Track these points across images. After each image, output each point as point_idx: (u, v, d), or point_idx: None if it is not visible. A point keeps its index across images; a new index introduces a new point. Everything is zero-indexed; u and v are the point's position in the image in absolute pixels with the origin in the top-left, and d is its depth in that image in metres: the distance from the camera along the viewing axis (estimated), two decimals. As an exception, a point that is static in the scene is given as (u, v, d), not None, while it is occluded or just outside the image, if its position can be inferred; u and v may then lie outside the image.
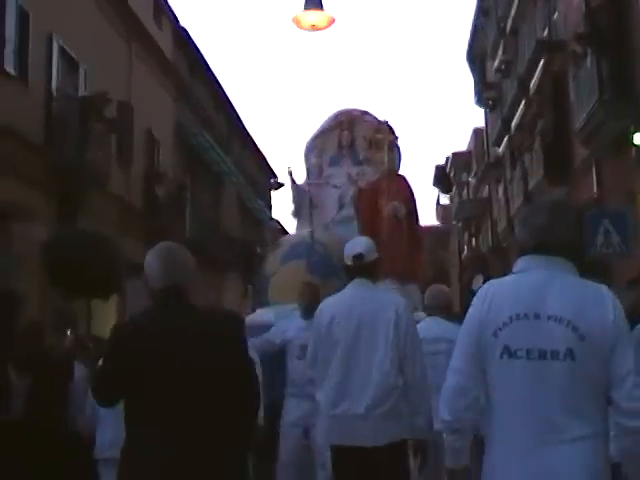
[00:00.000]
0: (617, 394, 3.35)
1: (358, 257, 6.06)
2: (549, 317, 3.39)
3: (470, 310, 3.64)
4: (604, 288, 3.50)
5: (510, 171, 30.66)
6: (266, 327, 8.64)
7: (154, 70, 27.05)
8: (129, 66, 24.69)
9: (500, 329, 3.46)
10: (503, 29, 31.38)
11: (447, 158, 52.23)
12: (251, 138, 42.34)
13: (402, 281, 10.19)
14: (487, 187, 39.26)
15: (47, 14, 18.41)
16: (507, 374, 3.45)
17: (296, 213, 12.14)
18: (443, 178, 53.39)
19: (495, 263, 34.40)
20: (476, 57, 40.07)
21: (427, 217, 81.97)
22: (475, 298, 3.64)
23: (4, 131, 16.04)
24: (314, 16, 13.87)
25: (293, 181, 12.14)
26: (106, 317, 17.36)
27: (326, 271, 9.81)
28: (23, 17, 17.53)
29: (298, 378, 7.73)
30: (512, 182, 29.65)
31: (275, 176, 45.02)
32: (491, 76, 35.74)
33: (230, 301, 30.66)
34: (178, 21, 29.98)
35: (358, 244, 6.25)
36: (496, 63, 32.85)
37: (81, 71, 20.76)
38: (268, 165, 46.50)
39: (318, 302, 7.68)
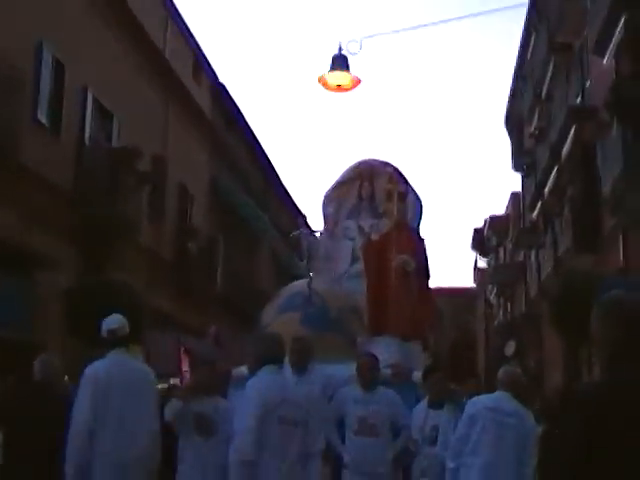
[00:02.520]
0: None
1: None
2: None
3: None
4: None
5: (543, 236, 30.57)
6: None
7: (190, 125, 27.43)
8: (165, 120, 25.08)
9: None
10: (539, 94, 31.48)
11: (485, 221, 52.10)
12: (287, 193, 42.50)
13: (405, 337, 9.91)
14: (522, 252, 39.11)
15: (83, 66, 18.82)
16: None
17: (309, 266, 11.60)
18: (481, 241, 53.22)
19: (528, 329, 34.13)
20: (513, 122, 40.17)
21: (464, 280, 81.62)
22: None
23: (35, 180, 16.34)
24: (340, 77, 14.07)
25: (302, 237, 11.95)
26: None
27: (321, 325, 9.57)
28: (58, 69, 17.94)
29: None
30: (544, 248, 29.53)
31: (312, 231, 44.99)
32: (527, 141, 35.78)
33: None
34: (217, 77, 30.41)
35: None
36: (531, 129, 32.92)
37: (115, 123, 21.12)
38: (305, 219, 46.60)
39: (309, 357, 7.84)
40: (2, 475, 7.27)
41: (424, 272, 10.58)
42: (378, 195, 12.17)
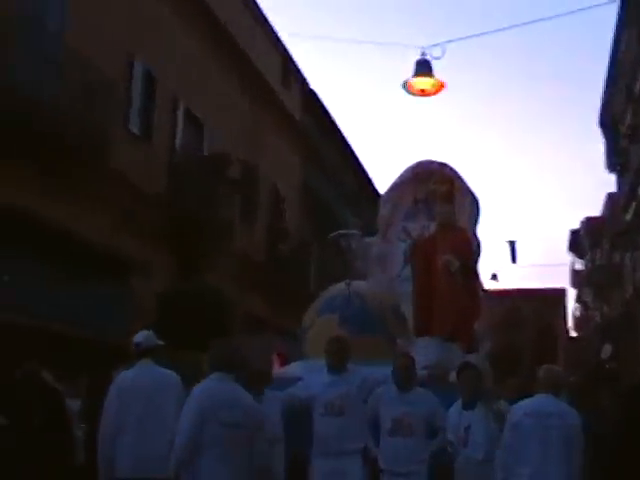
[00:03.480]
0: None
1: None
2: None
3: None
4: None
5: (638, 238, 29.96)
6: (293, 381, 8.61)
7: (281, 129, 27.78)
8: (255, 125, 25.45)
9: None
10: (632, 93, 30.89)
11: (581, 222, 51.36)
12: (379, 195, 42.40)
13: (448, 338, 9.76)
14: (619, 253, 38.44)
15: (173, 77, 19.37)
16: None
17: (363, 268, 11.77)
18: (577, 243, 52.51)
19: (624, 331, 33.48)
20: (607, 121, 39.45)
21: (562, 282, 79.99)
22: None
23: (128, 187, 16.89)
24: (423, 82, 14.19)
25: (354, 235, 12.09)
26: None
27: (361, 326, 9.57)
28: (149, 80, 18.49)
29: (323, 436, 7.74)
30: (639, 249, 28.97)
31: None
32: (621, 141, 35.14)
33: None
34: (306, 82, 30.71)
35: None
36: (624, 128, 32.30)
37: (206, 131, 21.60)
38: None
39: (347, 357, 7.95)
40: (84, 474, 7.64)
41: (471, 272, 10.39)
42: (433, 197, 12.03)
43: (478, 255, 11.08)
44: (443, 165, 12.00)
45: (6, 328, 12.38)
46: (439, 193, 11.28)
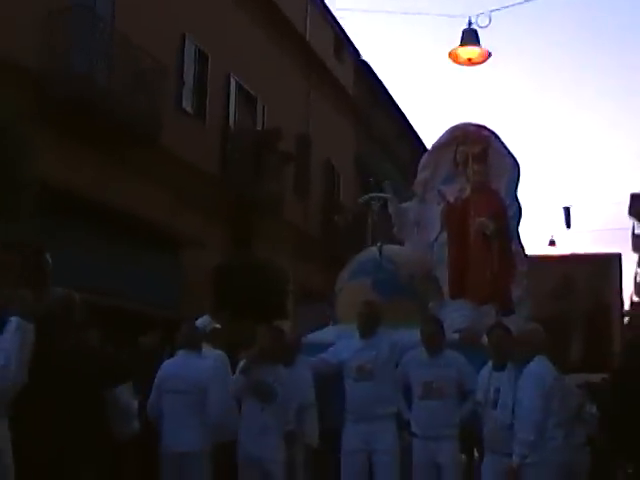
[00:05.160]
0: None
1: None
2: None
3: None
4: None
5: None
6: (325, 346, 8.53)
7: (334, 102, 28.00)
8: (308, 99, 25.75)
9: None
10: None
11: (643, 187, 50.58)
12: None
13: (482, 301, 9.56)
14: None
15: (225, 55, 19.74)
16: None
17: (400, 233, 11.29)
18: (639, 207, 51.73)
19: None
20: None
21: (622, 248, 78.80)
22: None
23: (181, 164, 17.37)
24: (470, 51, 14.32)
25: (389, 199, 11.29)
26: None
27: (392, 290, 9.33)
28: (202, 59, 18.91)
29: (355, 401, 7.76)
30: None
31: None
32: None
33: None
34: (359, 55, 30.85)
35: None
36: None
37: (259, 107, 21.98)
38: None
39: (377, 322, 7.97)
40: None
41: (506, 235, 10.08)
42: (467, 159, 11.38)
43: (519, 219, 10.76)
44: (479, 127, 11.49)
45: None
46: (472, 154, 10.80)
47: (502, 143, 11.36)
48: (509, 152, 11.30)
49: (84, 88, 14.03)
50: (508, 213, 10.50)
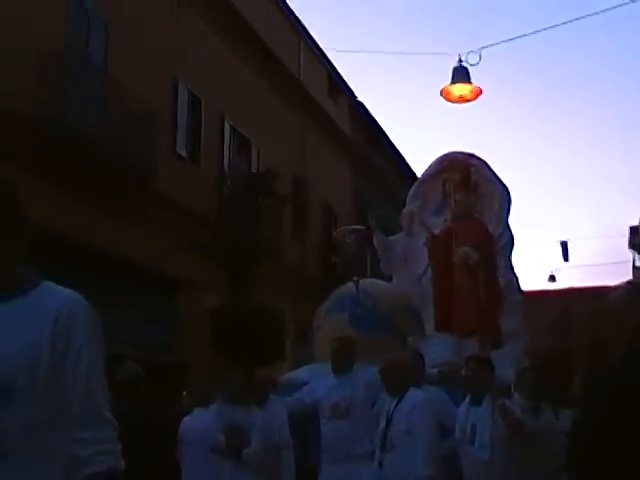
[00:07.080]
0: None
1: None
2: None
3: None
4: None
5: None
6: (300, 385, 8.31)
7: (330, 143, 27.95)
8: (304, 141, 25.71)
9: None
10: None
11: (640, 219, 50.51)
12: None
13: (466, 335, 9.39)
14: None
15: (218, 98, 19.72)
16: None
17: (387, 267, 11.17)
18: (638, 240, 51.64)
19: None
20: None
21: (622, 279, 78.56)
22: None
23: (176, 208, 17.32)
24: (461, 88, 14.31)
25: (374, 232, 11.23)
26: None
27: (369, 325, 9.13)
28: (195, 102, 18.90)
29: (330, 440, 7.40)
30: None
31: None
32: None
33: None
34: (354, 95, 30.87)
35: None
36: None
37: (253, 149, 21.94)
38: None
39: (352, 358, 7.60)
40: None
41: (492, 265, 9.87)
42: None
43: (511, 247, 10.64)
44: (467, 155, 11.28)
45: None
46: (454, 182, 10.66)
47: (492, 171, 11.16)
48: (499, 179, 11.11)
49: (78, 134, 13.99)
50: (500, 241, 10.40)
